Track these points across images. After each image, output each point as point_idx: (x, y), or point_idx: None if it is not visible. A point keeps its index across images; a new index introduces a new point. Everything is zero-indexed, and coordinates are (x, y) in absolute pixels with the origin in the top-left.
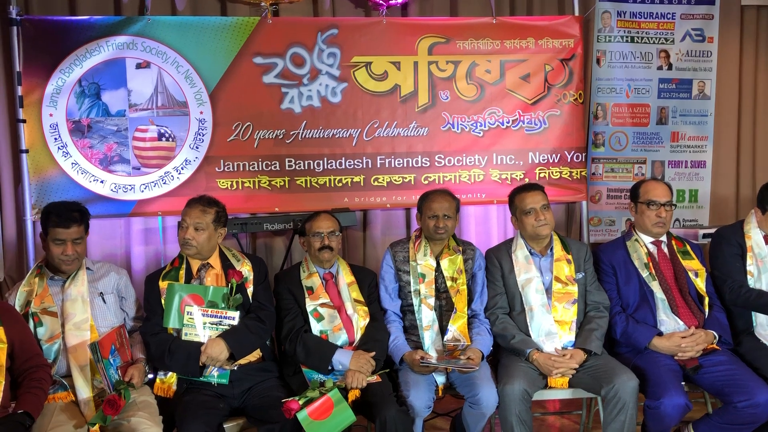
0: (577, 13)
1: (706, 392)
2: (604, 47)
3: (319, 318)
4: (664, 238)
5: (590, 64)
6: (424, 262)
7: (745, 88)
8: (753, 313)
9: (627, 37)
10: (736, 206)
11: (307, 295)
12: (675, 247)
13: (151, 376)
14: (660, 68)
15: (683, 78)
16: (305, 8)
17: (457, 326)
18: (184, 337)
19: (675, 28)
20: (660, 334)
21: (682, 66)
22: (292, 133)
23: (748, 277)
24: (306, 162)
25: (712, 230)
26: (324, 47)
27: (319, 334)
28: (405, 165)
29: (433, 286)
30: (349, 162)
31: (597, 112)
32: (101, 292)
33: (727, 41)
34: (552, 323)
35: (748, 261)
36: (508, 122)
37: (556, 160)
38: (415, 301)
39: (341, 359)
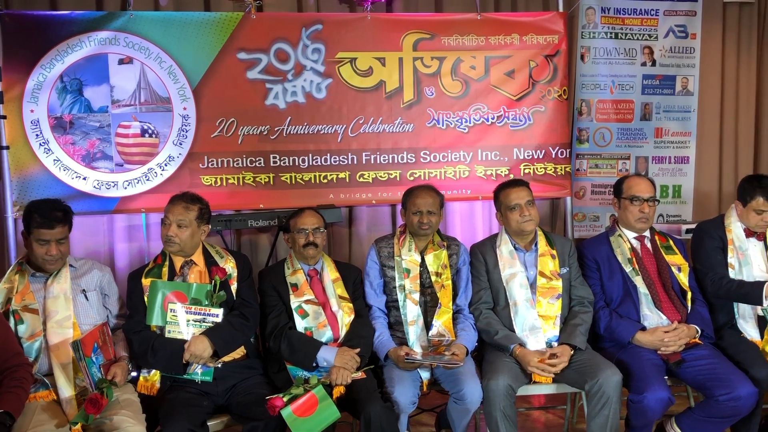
0: (561, 10)
1: (689, 386)
2: (588, 43)
3: (304, 315)
4: (647, 234)
5: (574, 60)
6: (408, 257)
7: (728, 84)
8: (734, 307)
9: (611, 33)
10: (719, 201)
11: (291, 292)
12: (658, 242)
13: (134, 374)
14: (644, 64)
15: (667, 74)
16: (289, 3)
17: (441, 321)
18: (167, 335)
19: (658, 25)
20: (643, 328)
21: (666, 62)
22: (276, 129)
23: (729, 269)
24: (291, 158)
25: (695, 225)
26: (308, 43)
27: (303, 331)
28: (390, 161)
29: (418, 282)
30: (335, 158)
31: (581, 108)
32: (84, 290)
33: (709, 38)
34: (536, 318)
35: (729, 254)
36: (493, 118)
37: (540, 156)
38: (400, 297)
39: (326, 356)
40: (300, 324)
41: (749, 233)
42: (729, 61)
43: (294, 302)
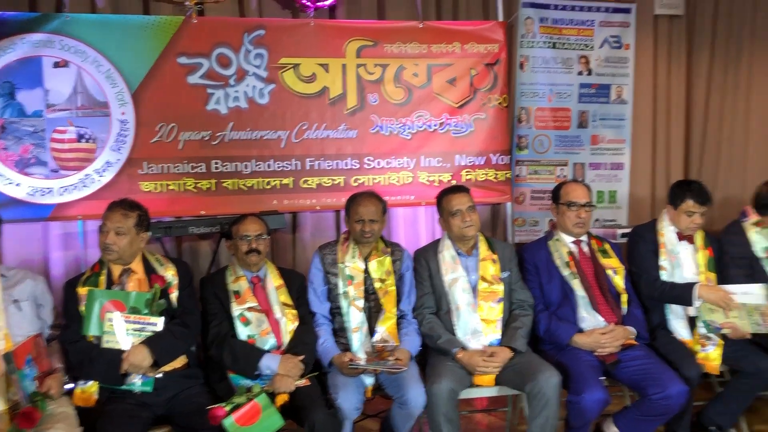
0: (501, 19)
1: (625, 386)
2: (528, 53)
3: (246, 322)
4: (584, 238)
5: (514, 69)
6: (352, 264)
7: (660, 93)
8: (666, 308)
9: (549, 43)
10: (652, 206)
11: (233, 300)
12: (595, 246)
13: (70, 386)
14: (580, 73)
15: (602, 83)
16: (231, 8)
17: (385, 327)
18: (104, 345)
19: (594, 35)
20: (581, 330)
21: (601, 72)
22: (218, 134)
23: (662, 272)
24: (233, 164)
25: (630, 229)
26: (251, 48)
27: (246, 339)
28: (334, 167)
29: (362, 288)
30: (278, 164)
31: (521, 116)
32: (16, 300)
33: (642, 48)
34: (478, 322)
35: (662, 257)
36: (435, 125)
37: (482, 163)
38: (344, 304)
39: (269, 364)
40: (243, 332)
41: (680, 237)
42: (661, 71)
43: (236, 310)
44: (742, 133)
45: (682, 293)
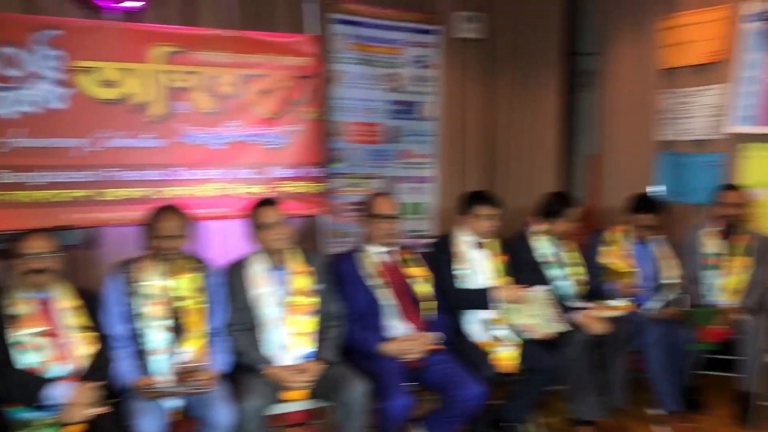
0: (315, 33)
1: (431, 389)
2: (341, 68)
3: (28, 349)
4: (392, 248)
5: (328, 83)
6: (152, 282)
7: (464, 111)
8: (464, 313)
9: (360, 59)
10: (456, 217)
11: (10, 325)
12: (402, 256)
13: None
14: (389, 90)
15: (410, 100)
16: (21, 4)
17: (192, 347)
18: None
19: (402, 54)
20: (389, 338)
21: (409, 89)
22: (5, 141)
23: (460, 279)
24: (23, 174)
25: (433, 239)
26: (44, 49)
27: (26, 367)
28: (139, 178)
29: (165, 307)
30: (75, 174)
31: (334, 130)
32: None
33: (448, 68)
34: (288, 336)
35: (459, 265)
36: (248, 136)
37: (297, 175)
38: (144, 325)
39: (55, 393)
40: (23, 359)
41: (476, 245)
42: (465, 90)
43: (13, 336)
44: (536, 148)
45: (479, 298)
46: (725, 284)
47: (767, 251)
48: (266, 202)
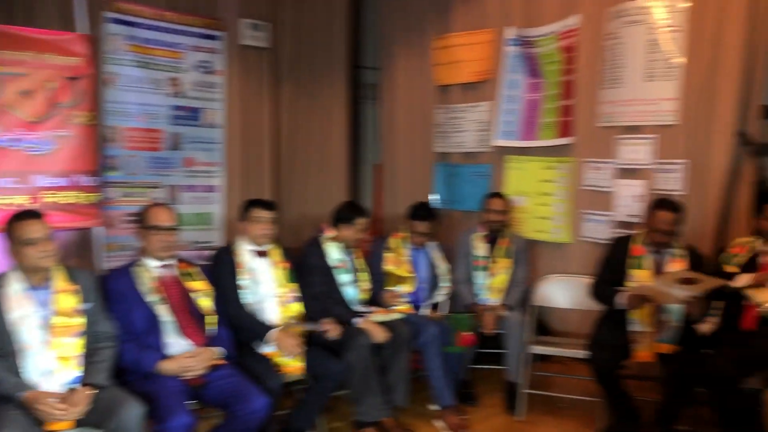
0: (86, 32)
1: (214, 406)
2: (116, 70)
3: None
4: (171, 262)
5: (102, 85)
6: None
7: (250, 118)
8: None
9: (138, 62)
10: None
11: None
12: (182, 269)
13: None
14: (171, 95)
15: (193, 106)
16: None
17: None
18: None
19: (184, 58)
20: (168, 356)
21: (192, 95)
22: None
23: (243, 290)
24: None
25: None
26: None
27: None
28: None
29: None
30: None
31: (110, 136)
32: None
33: (232, 75)
34: (52, 361)
35: (241, 276)
36: (7, 141)
37: (66, 184)
38: None
39: None
40: None
41: (256, 254)
42: (251, 98)
43: None
44: (325, 158)
45: (260, 330)
46: (492, 284)
47: (525, 253)
48: (30, 215)
